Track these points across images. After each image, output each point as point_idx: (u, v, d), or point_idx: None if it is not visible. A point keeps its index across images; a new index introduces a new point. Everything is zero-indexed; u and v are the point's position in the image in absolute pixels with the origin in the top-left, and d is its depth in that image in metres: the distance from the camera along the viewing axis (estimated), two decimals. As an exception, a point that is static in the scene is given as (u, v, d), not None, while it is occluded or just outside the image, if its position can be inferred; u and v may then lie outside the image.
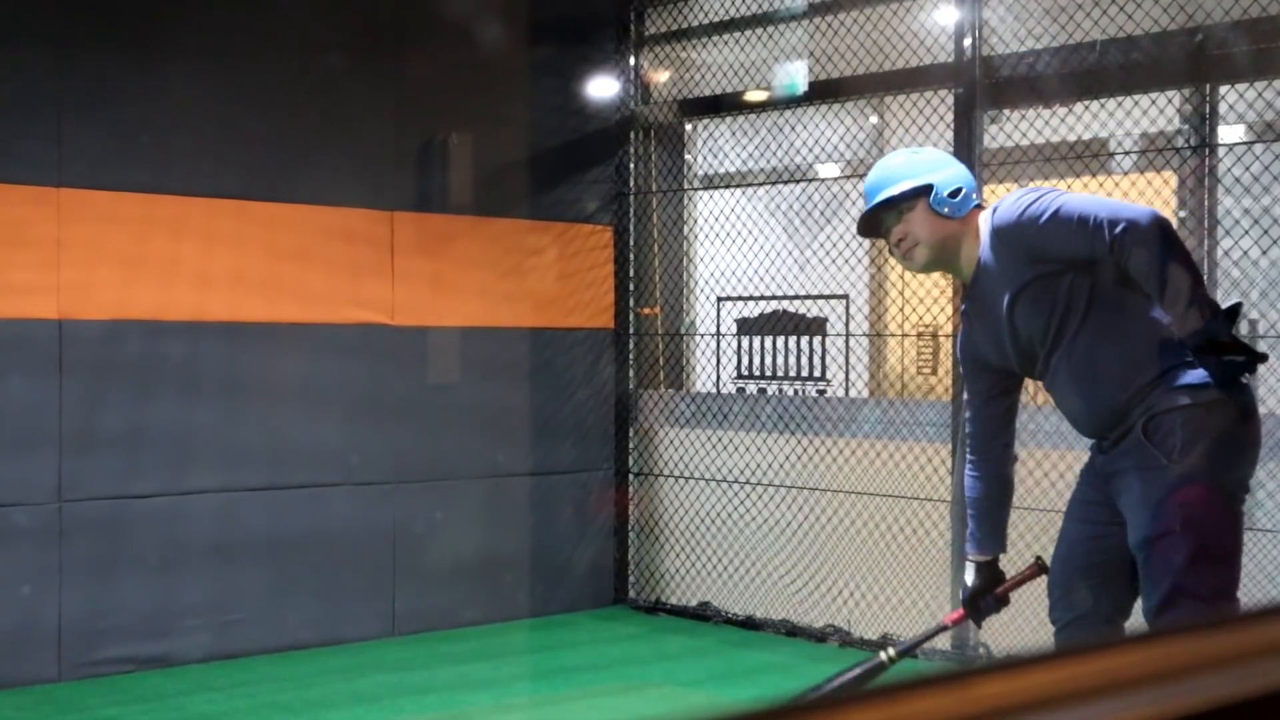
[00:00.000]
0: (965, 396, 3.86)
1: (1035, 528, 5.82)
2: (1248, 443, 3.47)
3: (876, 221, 3.75)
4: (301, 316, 6.24)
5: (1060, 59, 5.57)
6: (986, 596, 3.84)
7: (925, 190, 3.68)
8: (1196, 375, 3.38)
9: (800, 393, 6.99)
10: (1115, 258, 3.37)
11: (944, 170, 3.71)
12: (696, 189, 7.65)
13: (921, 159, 3.76)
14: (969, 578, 3.85)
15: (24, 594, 5.58)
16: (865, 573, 6.38)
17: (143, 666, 5.81)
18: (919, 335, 7.52)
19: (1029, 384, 4.00)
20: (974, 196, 3.72)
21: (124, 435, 5.78)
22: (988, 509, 3.79)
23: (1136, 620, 3.69)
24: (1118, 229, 3.33)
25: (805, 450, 6.62)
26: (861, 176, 7.51)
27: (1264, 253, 5.39)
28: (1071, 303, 3.47)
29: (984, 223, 3.63)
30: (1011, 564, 3.94)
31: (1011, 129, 5.91)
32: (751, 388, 7.18)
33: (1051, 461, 5.66)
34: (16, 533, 5.56)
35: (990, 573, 3.83)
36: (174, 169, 5.91)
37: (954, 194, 3.67)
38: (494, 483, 6.84)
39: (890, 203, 3.70)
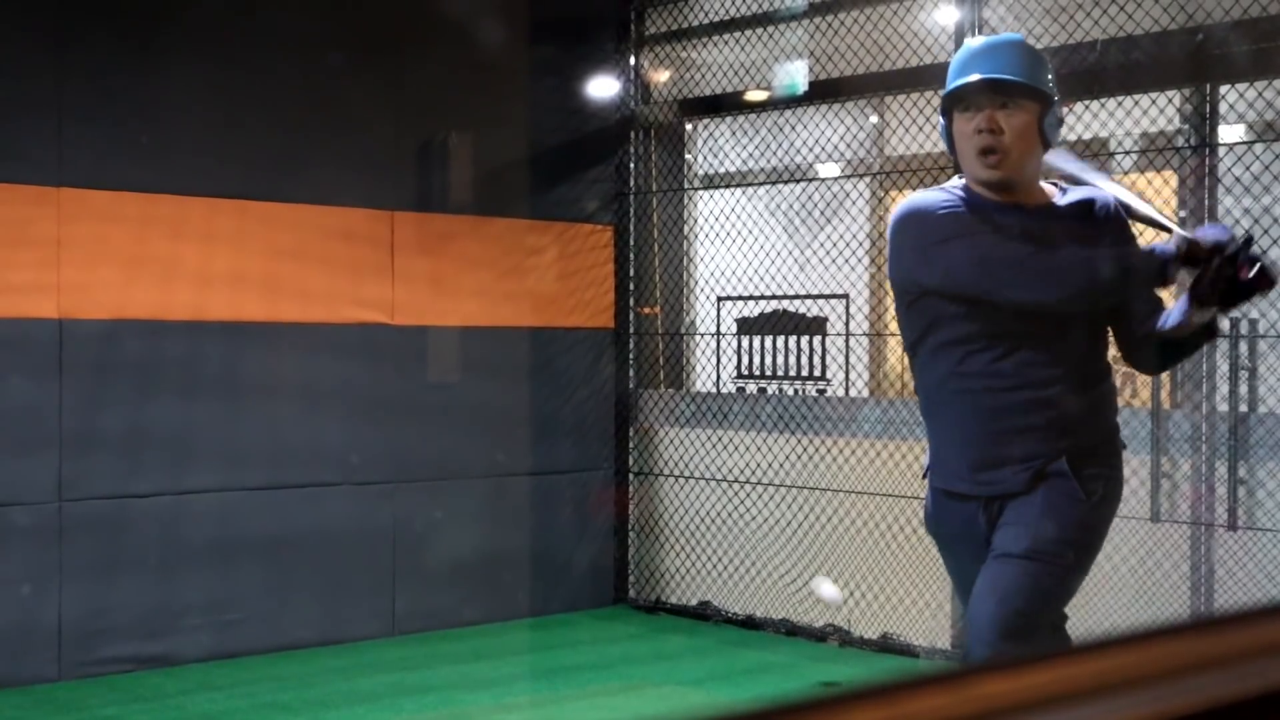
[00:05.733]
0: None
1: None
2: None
3: (964, 94, 3.21)
4: (301, 316, 6.24)
5: (1060, 59, 5.56)
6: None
7: (1041, 99, 3.21)
8: None
9: (800, 392, 6.99)
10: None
11: (1055, 90, 3.29)
12: (696, 189, 7.65)
13: (1046, 63, 3.29)
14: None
15: (24, 594, 5.58)
16: (865, 573, 6.38)
17: (143, 666, 5.81)
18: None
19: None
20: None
21: (124, 435, 5.78)
22: None
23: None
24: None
25: (805, 450, 6.62)
26: (861, 176, 7.54)
27: (1264, 252, 5.39)
28: None
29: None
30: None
31: (1011, 129, 5.90)
32: (751, 387, 7.18)
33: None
34: (16, 533, 5.56)
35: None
36: (174, 169, 5.91)
37: (1059, 122, 3.30)
38: (494, 482, 6.84)
39: (1011, 87, 3.17)
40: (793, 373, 7.09)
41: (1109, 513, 3.36)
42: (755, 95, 6.94)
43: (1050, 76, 3.28)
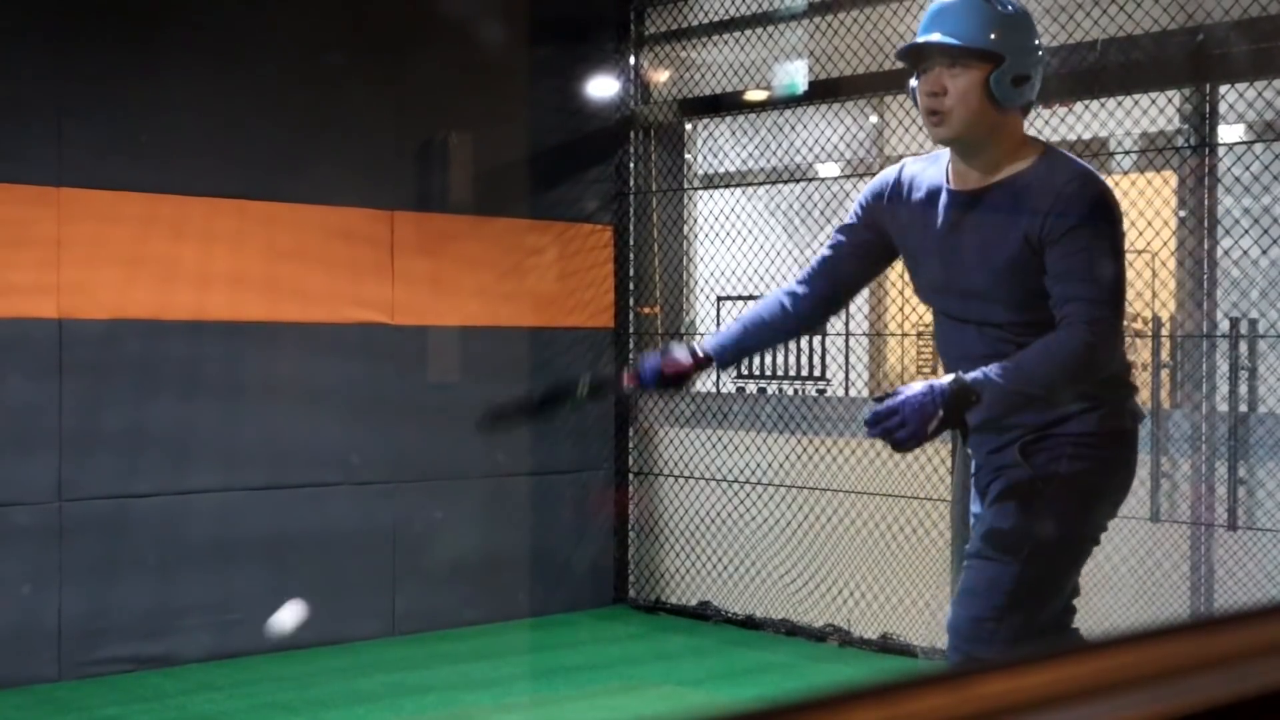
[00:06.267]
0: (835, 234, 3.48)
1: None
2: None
3: (922, 55, 3.19)
4: (301, 316, 6.24)
5: (1060, 59, 5.57)
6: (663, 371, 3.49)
7: (993, 59, 3.12)
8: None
9: (800, 392, 6.99)
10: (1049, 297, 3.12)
11: (1025, 46, 3.17)
12: (696, 189, 7.65)
13: (1011, 19, 3.17)
14: (676, 353, 3.51)
15: (24, 594, 5.58)
16: (865, 573, 6.38)
17: (143, 666, 5.81)
18: (919, 335, 7.52)
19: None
20: (1034, 91, 3.20)
21: (124, 435, 5.78)
22: (758, 326, 3.49)
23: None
24: (1071, 303, 3.06)
25: (805, 450, 6.63)
26: (861, 176, 7.54)
27: (1264, 252, 5.39)
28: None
29: (1034, 143, 3.21)
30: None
31: (1011, 129, 5.90)
32: (751, 387, 7.18)
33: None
34: (16, 533, 5.56)
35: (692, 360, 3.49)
36: (174, 169, 5.91)
37: (1019, 80, 3.14)
38: (494, 482, 6.84)
39: (946, 49, 3.14)
40: (793, 373, 7.09)
41: (1078, 492, 3.22)
42: (755, 95, 6.94)
43: (1012, 34, 3.16)
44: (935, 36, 3.15)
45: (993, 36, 3.13)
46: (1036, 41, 3.24)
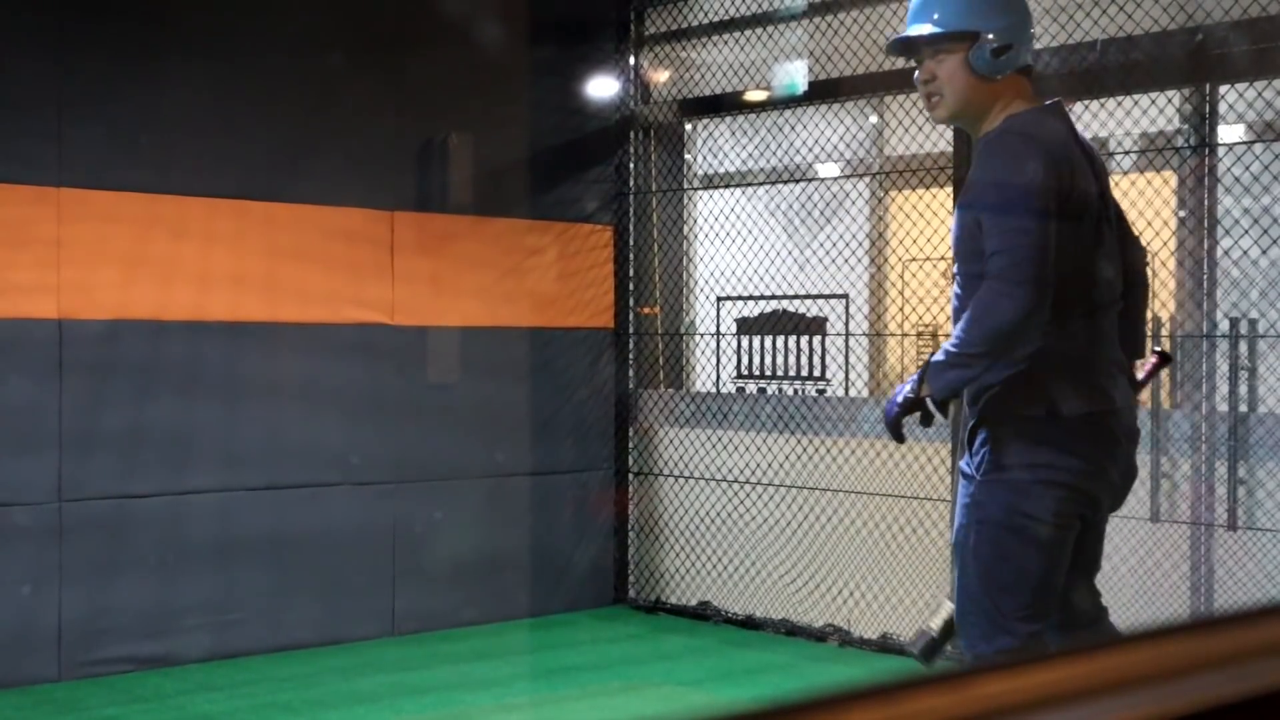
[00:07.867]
0: None
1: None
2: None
3: (912, 46, 3.32)
4: (301, 316, 6.24)
5: (1060, 59, 5.57)
6: None
7: (968, 38, 3.23)
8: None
9: (800, 392, 6.99)
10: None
11: (1003, 18, 3.27)
12: (696, 189, 7.65)
13: (987, 2, 3.27)
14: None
15: (24, 594, 5.58)
16: (865, 573, 6.38)
17: (143, 666, 5.81)
18: (919, 335, 7.52)
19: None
20: (1024, 55, 3.28)
21: (124, 435, 5.78)
22: None
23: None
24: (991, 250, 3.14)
25: (805, 450, 6.62)
26: (861, 176, 7.54)
27: (1264, 252, 5.39)
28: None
29: (1019, 111, 3.26)
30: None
31: (1011, 129, 5.90)
32: (751, 387, 7.18)
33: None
34: (16, 533, 5.56)
35: None
36: (174, 169, 5.91)
37: (1000, 51, 3.23)
38: (494, 483, 6.84)
39: (924, 39, 3.27)
40: (792, 373, 7.09)
41: (996, 482, 3.24)
42: (755, 95, 6.94)
43: (986, 10, 3.26)
44: (912, 29, 3.30)
45: (964, 16, 3.24)
46: (1018, 12, 3.33)
